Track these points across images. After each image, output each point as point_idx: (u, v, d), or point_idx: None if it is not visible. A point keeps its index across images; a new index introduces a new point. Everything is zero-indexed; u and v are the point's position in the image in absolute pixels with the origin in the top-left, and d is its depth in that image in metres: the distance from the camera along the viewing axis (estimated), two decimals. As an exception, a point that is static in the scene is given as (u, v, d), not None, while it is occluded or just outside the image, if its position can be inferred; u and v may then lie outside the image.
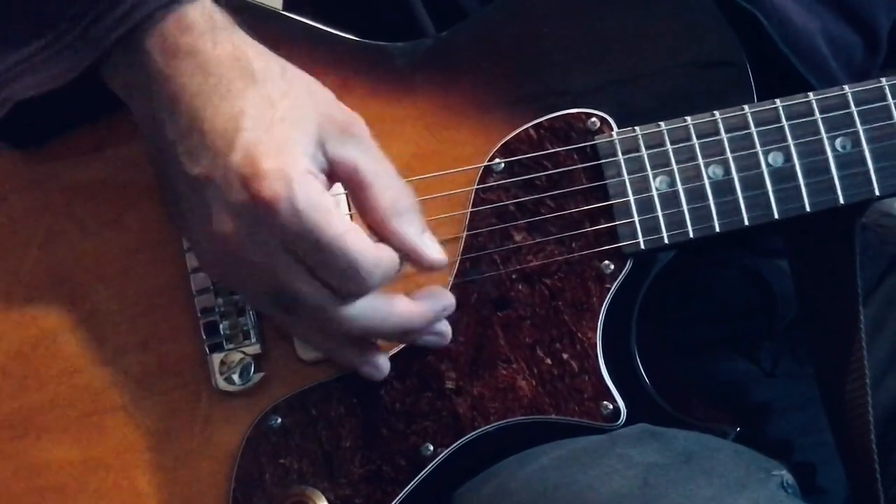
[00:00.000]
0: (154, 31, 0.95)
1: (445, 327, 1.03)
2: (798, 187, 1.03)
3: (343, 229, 0.92)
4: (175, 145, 0.95)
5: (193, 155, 0.94)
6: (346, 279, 0.94)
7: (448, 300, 1.02)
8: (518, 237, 1.05)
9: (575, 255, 1.05)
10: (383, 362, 1.03)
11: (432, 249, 0.98)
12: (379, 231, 0.96)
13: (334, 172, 0.95)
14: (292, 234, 0.92)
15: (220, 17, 0.97)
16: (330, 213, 0.92)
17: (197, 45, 0.95)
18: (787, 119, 1.04)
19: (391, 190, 0.96)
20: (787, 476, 1.05)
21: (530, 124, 1.06)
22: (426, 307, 1.00)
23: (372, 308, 0.96)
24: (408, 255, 0.96)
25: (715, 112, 1.04)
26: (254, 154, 0.91)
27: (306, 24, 1.09)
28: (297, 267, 0.94)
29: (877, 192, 1.04)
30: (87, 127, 1.06)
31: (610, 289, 1.04)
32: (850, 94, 1.04)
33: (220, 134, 0.93)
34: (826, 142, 1.04)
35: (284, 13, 1.11)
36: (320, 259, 0.93)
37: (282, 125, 0.93)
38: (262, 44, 0.98)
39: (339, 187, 0.99)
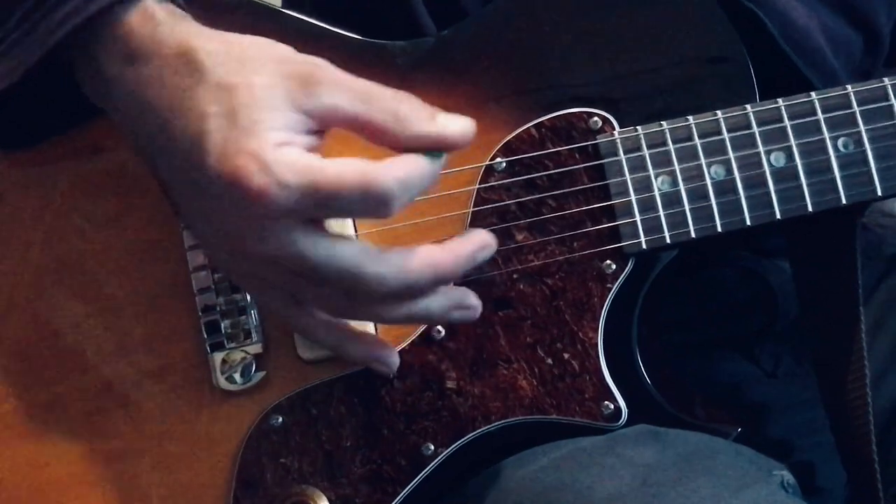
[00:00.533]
0: (103, 35, 0.93)
1: (475, 300, 0.99)
2: (800, 187, 1.03)
3: (339, 170, 0.89)
4: (153, 154, 0.94)
5: (171, 164, 0.93)
6: (374, 208, 0.90)
7: (483, 237, 0.96)
8: (519, 237, 1.05)
9: (576, 254, 1.05)
10: (392, 354, 1.01)
11: (454, 124, 0.93)
12: (402, 146, 0.91)
13: (321, 124, 0.91)
14: (297, 206, 0.89)
15: (161, 12, 0.94)
16: (318, 163, 0.89)
17: (143, 50, 0.93)
18: (790, 119, 1.04)
19: (382, 106, 0.91)
20: (788, 475, 1.05)
21: (532, 123, 1.06)
22: (461, 247, 0.95)
23: (405, 256, 0.92)
24: (439, 146, 0.92)
25: (717, 111, 1.04)
26: (225, 153, 0.88)
27: (306, 21, 1.09)
28: (314, 235, 0.90)
29: (879, 193, 1.04)
30: (85, 126, 1.06)
31: (611, 289, 1.04)
32: (852, 94, 1.04)
33: (190, 142, 0.90)
34: (828, 141, 1.03)
35: (284, 10, 1.11)
36: (339, 203, 0.89)
37: (245, 111, 0.89)
38: None
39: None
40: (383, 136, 0.91)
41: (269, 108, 0.89)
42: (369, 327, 1.03)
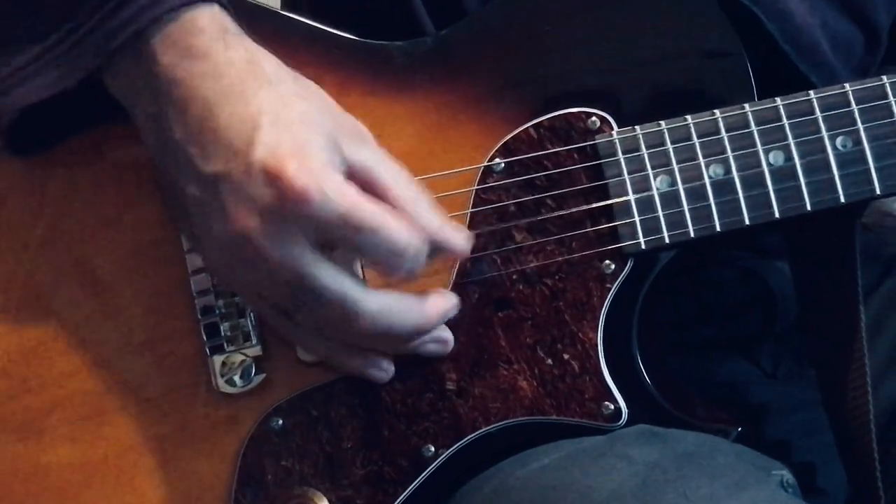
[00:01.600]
0: (162, 34, 0.95)
1: (448, 334, 1.03)
2: (799, 186, 1.03)
3: (376, 209, 0.93)
4: (185, 146, 0.94)
5: (207, 154, 0.93)
6: (385, 255, 0.94)
7: (453, 298, 1.03)
8: (518, 237, 1.05)
9: (575, 255, 1.05)
10: (388, 364, 1.03)
11: (459, 235, 0.99)
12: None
13: (352, 175, 0.95)
14: (326, 222, 0.92)
15: (230, 24, 0.97)
16: (360, 197, 0.93)
17: (208, 49, 0.95)
18: (788, 118, 1.04)
19: (411, 188, 0.97)
20: (788, 475, 1.05)
21: (530, 124, 1.06)
22: (439, 303, 1.01)
23: (393, 302, 0.97)
24: (435, 241, 0.97)
25: (715, 111, 1.04)
26: (277, 150, 0.91)
27: (305, 23, 1.09)
28: (321, 260, 0.94)
29: (878, 191, 1.03)
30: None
31: (611, 289, 1.04)
32: (850, 92, 1.04)
33: (238, 132, 0.92)
34: (827, 140, 1.03)
35: (283, 12, 1.11)
36: (358, 241, 0.93)
37: (300, 125, 0.93)
38: (261, 43, 0.98)
39: None
40: (395, 208, 0.95)
41: (320, 134, 0.94)
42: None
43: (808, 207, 1.03)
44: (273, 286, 0.95)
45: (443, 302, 1.01)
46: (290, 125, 0.93)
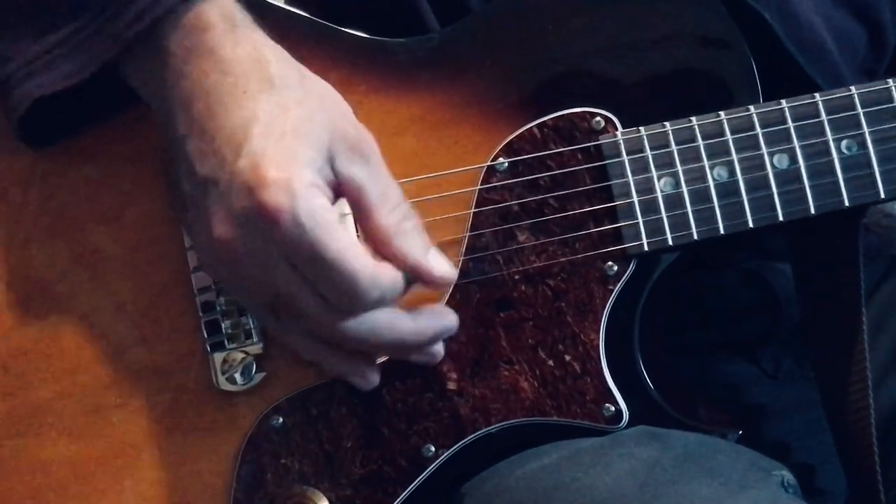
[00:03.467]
0: (174, 26, 0.95)
1: (438, 348, 1.03)
2: (803, 189, 1.03)
3: (343, 245, 0.92)
4: (185, 143, 0.95)
5: (202, 155, 0.94)
6: (343, 295, 0.94)
7: (450, 321, 1.02)
8: (521, 238, 1.05)
9: (578, 256, 1.04)
10: (373, 374, 1.02)
11: (440, 265, 0.98)
12: (383, 251, 0.96)
13: (341, 189, 0.95)
14: (292, 245, 0.92)
15: (241, 16, 0.96)
16: (332, 228, 0.92)
17: (216, 44, 0.95)
18: (793, 120, 1.03)
19: (396, 211, 0.96)
20: (788, 475, 1.05)
21: (534, 123, 1.06)
22: (427, 325, 1.00)
23: (370, 323, 0.96)
24: (414, 274, 0.96)
25: (720, 112, 1.03)
26: (260, 162, 0.91)
27: (310, 19, 1.08)
28: (295, 278, 0.94)
29: (882, 195, 1.03)
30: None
31: (613, 290, 1.04)
32: (856, 95, 1.03)
33: (229, 138, 0.92)
34: (832, 143, 1.03)
35: (287, 7, 1.10)
36: (318, 273, 0.93)
37: (292, 135, 0.92)
38: None
39: (346, 206, 0.98)
40: (377, 233, 0.95)
41: (312, 146, 0.93)
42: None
43: (813, 211, 1.03)
44: (255, 290, 0.96)
45: (432, 322, 1.00)
46: (283, 135, 0.92)
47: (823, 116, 1.03)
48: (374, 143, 0.97)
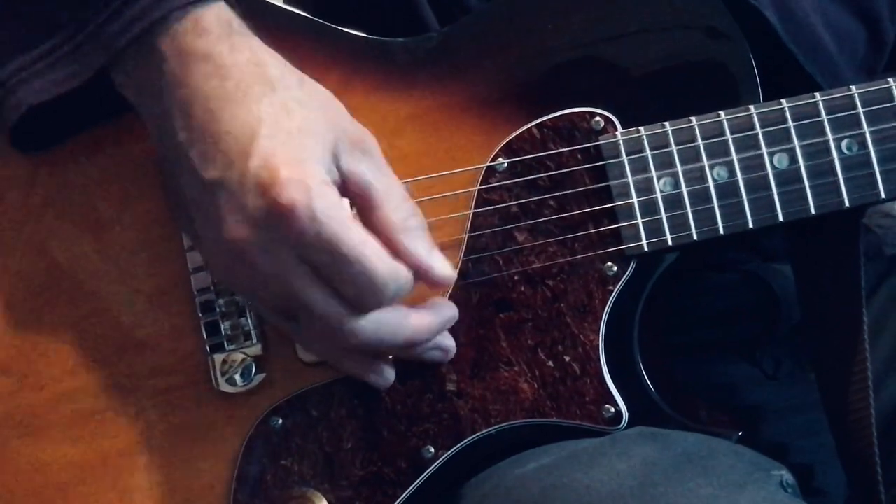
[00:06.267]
0: (168, 33, 0.95)
1: (450, 342, 1.03)
2: (803, 189, 1.02)
3: (360, 240, 0.93)
4: (187, 149, 0.94)
5: (207, 159, 0.93)
6: (361, 291, 0.94)
7: (451, 311, 1.02)
8: (520, 238, 1.05)
9: (578, 256, 1.04)
10: (389, 370, 1.03)
11: (441, 266, 0.98)
12: (388, 248, 0.95)
13: (346, 187, 0.95)
14: (309, 242, 0.92)
15: (237, 23, 0.96)
16: (348, 223, 0.92)
17: (213, 49, 0.94)
18: (793, 120, 1.03)
19: (401, 208, 0.96)
20: (787, 476, 1.05)
21: (533, 123, 1.05)
22: (432, 319, 1.00)
23: (383, 321, 0.97)
24: (416, 272, 0.96)
25: (720, 112, 1.03)
26: (272, 161, 0.91)
27: (309, 19, 1.08)
28: (310, 277, 0.94)
29: (882, 195, 1.03)
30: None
31: (613, 291, 1.04)
32: (856, 95, 1.03)
33: (236, 139, 0.92)
34: (832, 143, 1.03)
35: (286, 7, 1.10)
36: (336, 269, 0.93)
37: (299, 135, 0.93)
38: (263, 39, 0.97)
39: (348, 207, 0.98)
40: (383, 230, 0.95)
41: (319, 144, 0.93)
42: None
43: (813, 211, 1.03)
44: (268, 292, 0.96)
45: (437, 316, 1.01)
46: (290, 135, 0.92)
47: (823, 116, 1.03)
48: (375, 141, 0.97)
